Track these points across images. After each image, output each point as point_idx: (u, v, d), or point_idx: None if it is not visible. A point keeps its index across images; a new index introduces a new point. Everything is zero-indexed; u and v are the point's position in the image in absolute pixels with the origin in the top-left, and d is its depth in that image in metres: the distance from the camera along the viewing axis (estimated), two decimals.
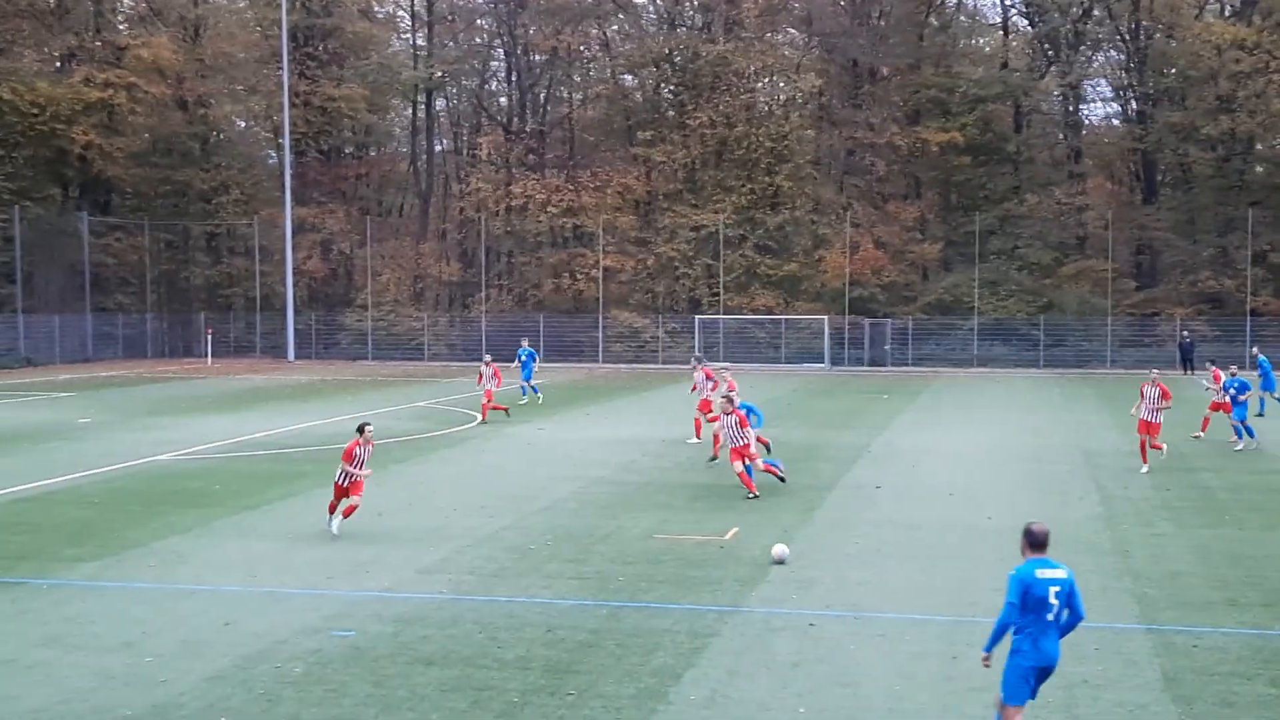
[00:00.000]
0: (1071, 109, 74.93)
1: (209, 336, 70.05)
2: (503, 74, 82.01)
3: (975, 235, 67.13)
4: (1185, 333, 59.54)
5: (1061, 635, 10.42)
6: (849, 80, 74.55)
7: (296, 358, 69.72)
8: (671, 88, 75.43)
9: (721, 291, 68.46)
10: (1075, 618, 10.42)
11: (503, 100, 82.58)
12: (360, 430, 19.80)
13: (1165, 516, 21.63)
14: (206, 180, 74.85)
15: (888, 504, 22.79)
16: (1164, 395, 26.79)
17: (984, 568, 17.54)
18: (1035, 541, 10.43)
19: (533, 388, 43.33)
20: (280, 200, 71.70)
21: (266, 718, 11.58)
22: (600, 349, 68.18)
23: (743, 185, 69.87)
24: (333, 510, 19.79)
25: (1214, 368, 33.94)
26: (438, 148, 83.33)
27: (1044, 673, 10.40)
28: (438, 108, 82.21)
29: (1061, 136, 75.64)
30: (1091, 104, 78.46)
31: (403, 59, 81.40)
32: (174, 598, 15.96)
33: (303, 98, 73.28)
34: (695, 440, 31.17)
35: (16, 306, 65.22)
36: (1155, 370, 28.50)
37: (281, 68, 70.33)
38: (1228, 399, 30.59)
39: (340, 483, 19.66)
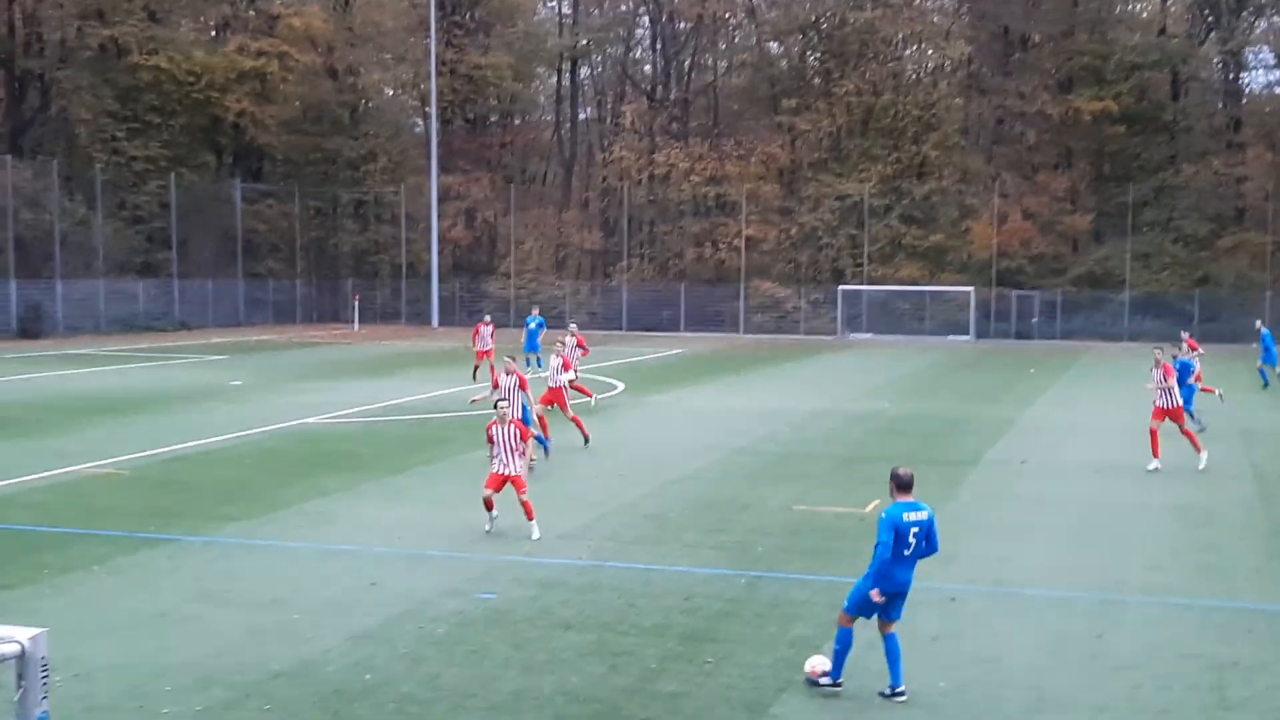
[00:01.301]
0: (1232, 76, 72.60)
1: (356, 303, 71.31)
2: (647, 42, 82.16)
3: (1128, 206, 65.48)
4: None
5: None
6: (999, 47, 73.13)
7: (440, 324, 70.63)
8: (817, 55, 74.73)
9: (866, 262, 67.81)
10: (931, 549, 11.50)
11: (647, 68, 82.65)
12: (495, 406, 17.92)
13: None
14: (355, 148, 76.07)
15: (1033, 479, 22.38)
16: (1167, 374, 23.84)
17: (1132, 546, 17.16)
18: (902, 484, 11.41)
19: (536, 361, 41.01)
20: (426, 168, 72.62)
21: (409, 677, 11.76)
22: (741, 319, 67.95)
23: (889, 154, 69.08)
24: (489, 506, 17.56)
25: (1188, 335, 32.30)
26: (581, 116, 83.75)
27: (896, 595, 11.33)
28: (582, 76, 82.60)
29: (1221, 105, 73.32)
30: (1253, 71, 75.99)
31: (548, 27, 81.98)
32: (321, 557, 16.30)
33: (449, 66, 74.06)
34: (590, 400, 30.14)
35: (172, 271, 67.08)
36: (1158, 349, 24.84)
37: (429, 36, 71.11)
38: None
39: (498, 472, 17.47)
